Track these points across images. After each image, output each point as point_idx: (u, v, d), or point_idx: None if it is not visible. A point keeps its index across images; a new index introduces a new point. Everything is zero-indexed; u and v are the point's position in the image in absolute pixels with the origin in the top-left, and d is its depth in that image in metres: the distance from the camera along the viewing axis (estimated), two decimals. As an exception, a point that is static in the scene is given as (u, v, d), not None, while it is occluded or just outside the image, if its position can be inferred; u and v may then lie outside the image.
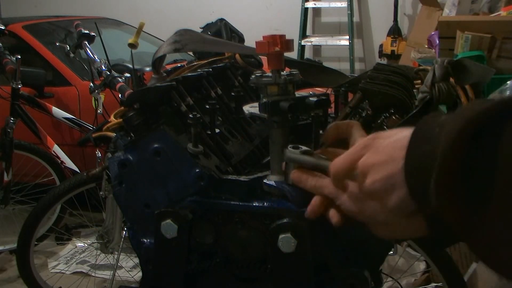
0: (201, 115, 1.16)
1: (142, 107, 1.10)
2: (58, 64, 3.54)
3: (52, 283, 2.65)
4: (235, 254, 1.04)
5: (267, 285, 1.04)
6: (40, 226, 2.47)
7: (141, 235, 1.11)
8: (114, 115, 1.17)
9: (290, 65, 1.23)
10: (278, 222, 0.96)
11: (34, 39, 3.67)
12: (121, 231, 2.28)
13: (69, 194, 2.41)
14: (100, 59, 2.76)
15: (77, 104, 3.43)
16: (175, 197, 1.04)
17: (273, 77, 0.84)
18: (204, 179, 1.01)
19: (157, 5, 6.02)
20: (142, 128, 1.09)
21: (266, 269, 1.03)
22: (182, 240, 1.02)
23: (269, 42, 0.83)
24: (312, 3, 5.55)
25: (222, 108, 1.31)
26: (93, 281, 2.76)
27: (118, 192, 1.09)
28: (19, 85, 2.98)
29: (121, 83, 2.51)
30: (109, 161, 1.10)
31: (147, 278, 1.12)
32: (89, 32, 2.89)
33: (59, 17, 4.50)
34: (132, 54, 2.34)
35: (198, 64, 1.56)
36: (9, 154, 2.98)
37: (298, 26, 5.52)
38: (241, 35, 2.18)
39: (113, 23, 4.65)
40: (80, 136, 3.17)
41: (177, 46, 1.25)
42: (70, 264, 3.02)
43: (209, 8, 5.68)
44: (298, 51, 5.44)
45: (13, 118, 2.99)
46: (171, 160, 1.04)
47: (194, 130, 1.04)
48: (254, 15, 5.70)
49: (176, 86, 1.18)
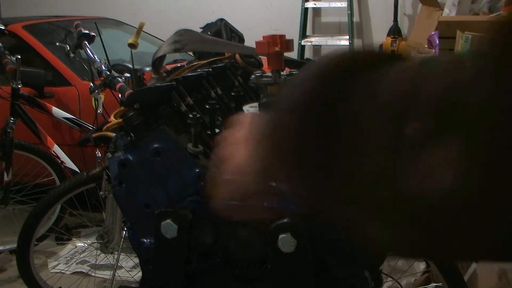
0: (201, 115, 1.16)
1: (142, 107, 1.10)
2: (58, 64, 3.54)
3: (52, 283, 2.64)
4: (235, 254, 1.04)
5: (267, 285, 1.04)
6: (40, 226, 2.47)
7: (141, 235, 1.11)
8: (114, 115, 1.17)
9: (290, 65, 1.23)
10: (278, 222, 0.96)
11: (34, 39, 3.67)
12: (121, 231, 2.28)
13: (69, 194, 2.41)
14: (100, 59, 2.76)
15: (77, 104, 3.42)
16: (175, 197, 1.04)
17: (273, 77, 0.84)
18: (204, 179, 1.01)
19: (157, 5, 6.02)
20: (142, 128, 1.09)
21: (266, 269, 1.03)
22: (182, 240, 1.02)
23: (269, 42, 0.83)
24: (312, 3, 5.55)
25: (222, 108, 1.31)
26: (93, 281, 2.76)
27: (118, 192, 1.09)
28: (19, 85, 2.98)
29: (121, 83, 2.51)
30: (109, 161, 1.10)
31: (147, 278, 1.12)
32: (89, 32, 2.89)
33: (59, 17, 4.49)
34: (132, 54, 2.34)
35: (198, 64, 1.56)
36: (9, 154, 2.97)
37: (298, 26, 5.52)
38: (241, 35, 2.18)
39: (113, 23, 4.65)
40: (80, 136, 3.17)
41: (177, 46, 1.25)
42: (70, 264, 3.02)
43: (209, 8, 5.68)
44: (298, 51, 5.43)
45: (13, 118, 2.99)
46: (171, 160, 1.04)
47: (194, 130, 1.04)
48: (254, 15, 5.69)
49: (176, 86, 1.19)
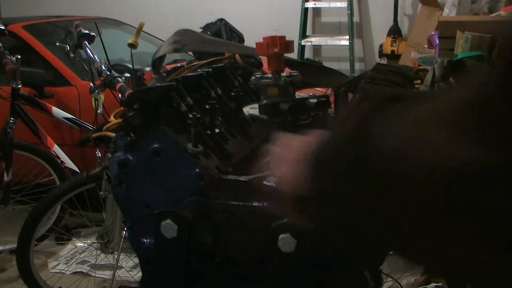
0: (201, 115, 1.16)
1: (142, 107, 1.10)
2: (58, 64, 3.54)
3: (52, 283, 2.64)
4: (235, 254, 1.04)
5: (267, 285, 1.04)
6: (40, 226, 2.47)
7: (141, 235, 1.11)
8: (114, 115, 1.17)
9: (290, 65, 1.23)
10: (278, 222, 0.96)
11: (34, 39, 3.67)
12: (121, 231, 2.28)
13: (69, 194, 2.41)
14: (100, 59, 2.75)
15: (77, 104, 3.42)
16: (175, 197, 1.04)
17: (273, 79, 0.84)
18: (204, 179, 1.01)
19: (157, 5, 6.02)
20: (142, 128, 1.09)
21: (266, 269, 1.03)
22: (182, 240, 1.02)
23: (268, 43, 0.83)
24: (312, 3, 5.55)
25: (222, 108, 1.31)
26: (93, 281, 2.75)
27: (118, 192, 1.09)
28: (19, 85, 2.98)
29: (121, 83, 2.51)
30: (109, 161, 1.11)
31: (147, 278, 1.12)
32: (89, 32, 2.89)
33: (59, 17, 4.49)
34: (132, 54, 2.34)
35: (198, 64, 1.56)
36: (9, 154, 2.97)
37: (298, 26, 5.52)
38: (241, 35, 2.18)
39: (113, 23, 4.65)
40: (80, 136, 3.17)
41: (177, 46, 1.25)
42: (70, 264, 3.02)
43: (209, 8, 5.67)
44: (298, 51, 5.43)
45: (13, 118, 2.99)
46: (171, 160, 1.04)
47: (194, 130, 1.04)
48: (254, 15, 5.69)
49: (176, 86, 1.19)
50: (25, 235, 2.40)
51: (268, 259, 1.01)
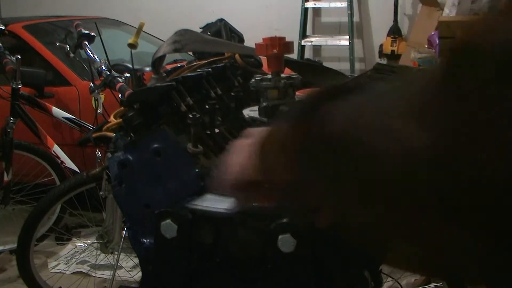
0: (201, 115, 1.16)
1: (142, 107, 1.11)
2: (58, 64, 3.54)
3: (52, 283, 2.65)
4: (235, 254, 1.04)
5: (267, 285, 1.04)
6: (40, 226, 2.47)
7: (141, 235, 1.11)
8: (114, 115, 1.17)
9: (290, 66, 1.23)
10: (277, 222, 0.96)
11: (34, 39, 3.67)
12: (121, 231, 2.28)
13: (69, 194, 2.41)
14: (100, 59, 2.76)
15: (77, 104, 3.43)
16: (175, 197, 1.04)
17: (273, 81, 0.84)
18: (204, 179, 1.01)
19: (157, 5, 6.02)
20: (142, 128, 1.09)
21: (266, 269, 1.03)
22: (182, 240, 1.03)
23: (267, 44, 0.83)
24: (312, 3, 5.55)
25: (222, 108, 1.31)
26: (93, 281, 2.76)
27: (118, 192, 1.09)
28: (19, 85, 2.98)
29: (121, 83, 2.51)
30: (109, 161, 1.11)
31: (147, 278, 1.12)
32: (89, 32, 2.89)
33: (59, 17, 4.50)
34: (132, 54, 2.34)
35: (198, 64, 1.56)
36: (9, 154, 2.98)
37: (298, 26, 5.52)
38: (241, 35, 2.19)
39: (113, 23, 4.65)
40: (80, 136, 3.17)
41: (177, 46, 1.25)
42: (70, 264, 3.02)
43: (209, 8, 5.67)
44: (298, 51, 5.43)
45: (13, 118, 2.99)
46: (171, 160, 1.04)
47: (194, 130, 1.04)
48: (254, 15, 5.69)
49: (176, 86, 1.19)
50: (25, 235, 2.40)
51: (268, 259, 1.01)
